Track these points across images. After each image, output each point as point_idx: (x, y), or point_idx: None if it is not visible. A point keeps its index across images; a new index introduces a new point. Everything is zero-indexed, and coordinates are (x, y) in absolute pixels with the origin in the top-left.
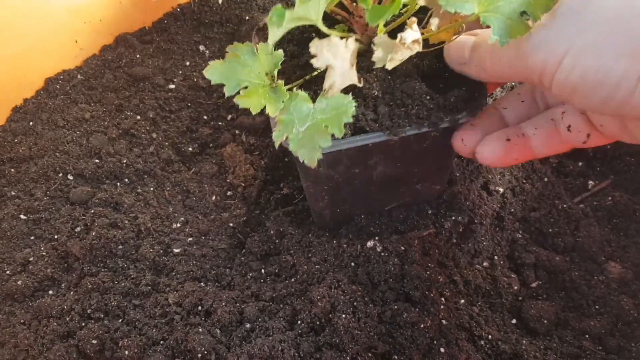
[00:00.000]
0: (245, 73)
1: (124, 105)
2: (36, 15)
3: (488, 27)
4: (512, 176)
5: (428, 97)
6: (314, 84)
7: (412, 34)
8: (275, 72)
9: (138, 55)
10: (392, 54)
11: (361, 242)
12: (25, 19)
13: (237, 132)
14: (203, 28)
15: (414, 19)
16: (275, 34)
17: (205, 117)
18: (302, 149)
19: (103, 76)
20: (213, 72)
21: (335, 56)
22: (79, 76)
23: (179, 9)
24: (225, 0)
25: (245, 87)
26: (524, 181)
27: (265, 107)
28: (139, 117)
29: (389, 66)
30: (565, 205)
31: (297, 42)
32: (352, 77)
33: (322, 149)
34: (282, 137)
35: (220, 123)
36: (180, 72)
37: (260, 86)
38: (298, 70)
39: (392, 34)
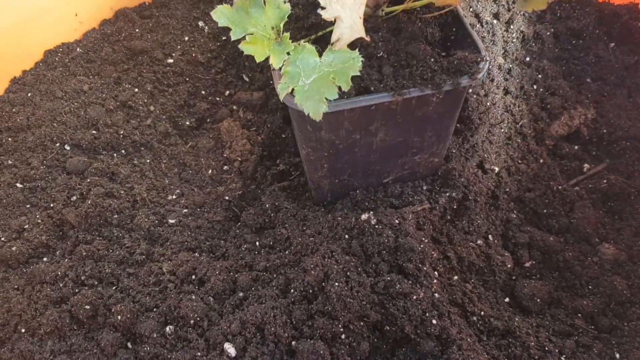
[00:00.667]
0: (251, 23)
1: (122, 78)
2: None
3: None
4: (508, 156)
5: (432, 60)
6: (319, 44)
7: None
8: (282, 26)
9: (137, 30)
10: None
11: (356, 215)
12: None
13: (234, 107)
14: (203, 4)
15: None
16: None
17: (203, 92)
18: (308, 101)
19: (102, 49)
20: (220, 14)
21: (344, 7)
22: (78, 49)
23: None
24: None
25: (251, 34)
26: (519, 161)
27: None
28: (137, 89)
29: None
30: (560, 187)
31: (303, 6)
32: (360, 30)
33: (328, 102)
34: (287, 89)
35: (218, 98)
36: (179, 47)
37: (265, 38)
38: (303, 31)
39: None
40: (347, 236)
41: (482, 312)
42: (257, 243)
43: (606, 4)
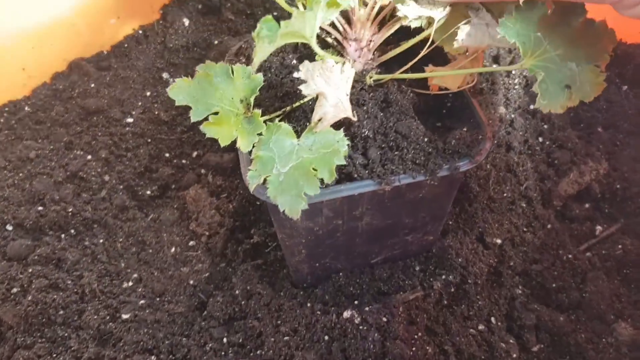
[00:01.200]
0: (216, 97)
1: (74, 143)
2: None
3: None
4: (512, 224)
5: (426, 140)
6: (294, 119)
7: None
8: (252, 99)
9: (93, 85)
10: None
11: (337, 311)
12: None
13: (202, 171)
14: (167, 53)
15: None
16: (264, 50)
17: (167, 155)
18: (284, 195)
19: (53, 108)
20: (178, 91)
21: (329, 83)
22: (26, 108)
23: (141, 32)
24: (192, 22)
25: (216, 113)
26: (524, 230)
27: (236, 140)
28: (89, 156)
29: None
30: (570, 256)
31: (276, 70)
32: (346, 109)
33: (307, 197)
34: (258, 179)
35: (184, 161)
36: (139, 103)
37: (233, 114)
38: (276, 102)
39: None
40: (326, 337)
41: None
42: (225, 340)
43: (618, 43)
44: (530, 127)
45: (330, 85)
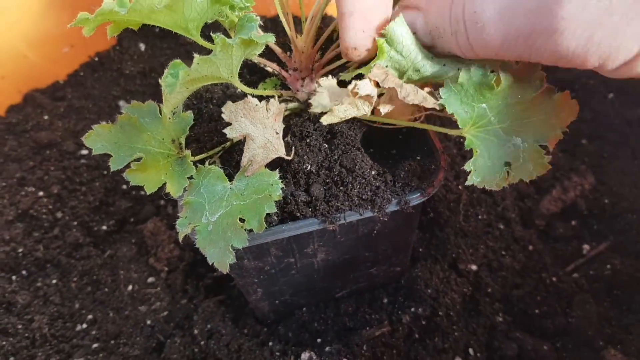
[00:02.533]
0: (143, 140)
1: (26, 179)
2: None
3: None
4: (488, 248)
5: (373, 173)
6: (238, 153)
7: (367, 87)
8: (183, 139)
9: (47, 117)
10: (336, 105)
11: (296, 352)
12: None
13: (161, 203)
14: (124, 80)
15: (379, 74)
16: (172, 99)
17: (123, 187)
18: (212, 247)
19: (6, 143)
20: (97, 139)
21: (255, 122)
22: None
23: (96, 59)
24: (148, 46)
25: (139, 159)
26: (502, 253)
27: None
28: (41, 192)
29: (326, 120)
30: (554, 278)
31: (218, 101)
32: (277, 149)
33: (235, 250)
34: (187, 227)
35: (142, 193)
36: None
37: (163, 156)
38: (217, 136)
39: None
40: None
41: None
42: None
43: None
44: None
45: (256, 126)
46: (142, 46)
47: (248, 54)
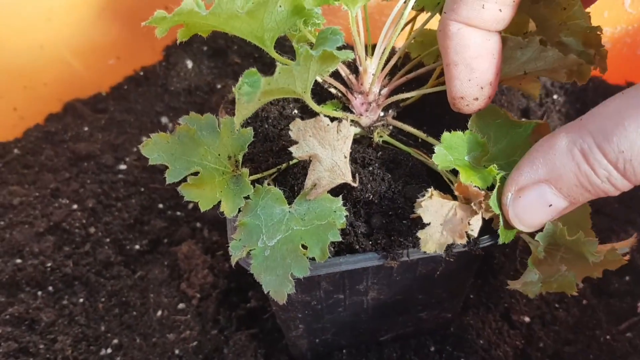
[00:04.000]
0: (199, 154)
1: (60, 190)
2: None
3: None
4: (542, 300)
5: None
6: (292, 177)
7: (480, 220)
8: (241, 156)
9: (87, 128)
10: (443, 232)
11: None
12: None
13: (198, 225)
14: (168, 96)
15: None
16: (244, 110)
17: (160, 206)
18: (268, 274)
19: (43, 152)
20: (154, 148)
21: (324, 144)
22: (15, 150)
23: (142, 73)
24: (195, 64)
25: (196, 173)
26: (556, 306)
27: (220, 202)
28: (75, 206)
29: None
30: (608, 336)
31: (274, 121)
32: (344, 174)
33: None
34: (241, 251)
35: (178, 213)
36: (134, 149)
37: (218, 173)
38: (272, 157)
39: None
40: None
41: None
42: None
43: None
44: None
45: (324, 147)
46: (189, 63)
47: (323, 69)
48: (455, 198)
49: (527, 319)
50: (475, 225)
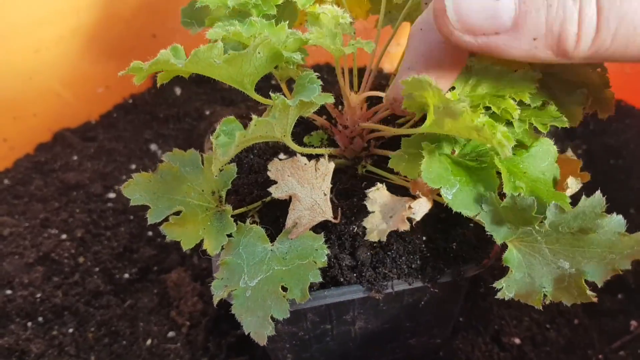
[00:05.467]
0: (182, 191)
1: (50, 220)
2: None
3: None
4: (532, 321)
5: (424, 239)
6: (279, 209)
7: (425, 205)
8: (224, 193)
9: (76, 157)
10: (388, 223)
11: None
12: None
13: (187, 252)
14: (156, 123)
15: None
16: (221, 159)
17: (149, 234)
18: (250, 315)
19: (32, 182)
20: (135, 188)
21: (302, 183)
22: (5, 181)
23: (131, 101)
24: (184, 90)
25: (178, 213)
26: (547, 327)
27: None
28: (64, 235)
29: (372, 238)
30: (600, 356)
31: (260, 152)
32: (325, 211)
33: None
34: (223, 291)
35: (167, 240)
36: (123, 177)
37: (202, 209)
38: (257, 189)
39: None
40: None
41: None
42: None
43: None
44: None
45: (303, 186)
46: (178, 90)
47: (303, 113)
48: None
49: (517, 341)
50: (417, 208)
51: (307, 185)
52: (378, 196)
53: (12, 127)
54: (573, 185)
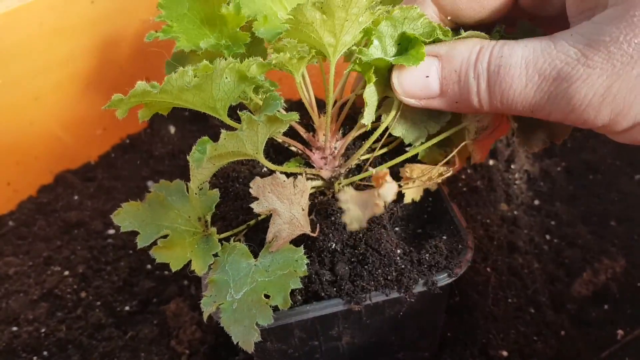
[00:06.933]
0: (170, 217)
1: (52, 258)
2: None
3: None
4: (519, 334)
5: (399, 252)
6: (262, 231)
7: (392, 188)
8: (209, 217)
9: (77, 197)
10: (365, 212)
11: None
12: None
13: (185, 282)
14: (152, 161)
15: (386, 171)
16: (199, 175)
17: (148, 267)
18: (237, 326)
19: (36, 223)
20: (125, 216)
21: (282, 198)
22: (10, 223)
23: (128, 140)
24: (178, 129)
25: (165, 237)
26: (534, 339)
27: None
28: (67, 272)
29: (355, 228)
30: None
31: (244, 180)
32: (303, 225)
33: (260, 327)
34: (212, 306)
35: (166, 272)
36: None
37: (189, 234)
38: (242, 214)
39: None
40: None
41: None
42: None
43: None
44: (536, 224)
45: (282, 202)
46: (172, 129)
47: (273, 132)
48: None
49: (505, 353)
50: (385, 192)
51: (286, 201)
52: (348, 195)
53: (15, 170)
54: None
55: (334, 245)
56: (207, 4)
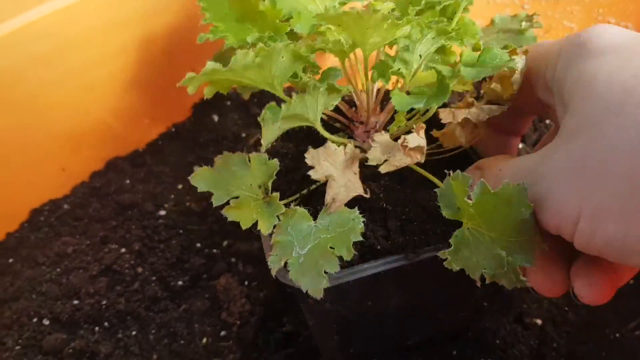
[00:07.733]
0: (235, 184)
1: (109, 237)
2: (18, 144)
3: None
4: (552, 304)
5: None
6: (312, 199)
7: (416, 139)
8: (270, 184)
9: (128, 181)
10: (389, 156)
11: None
12: (6, 149)
13: (233, 260)
14: (198, 148)
15: (423, 125)
16: (269, 133)
17: (198, 245)
18: (305, 276)
19: (90, 205)
20: (200, 178)
21: (335, 165)
22: (65, 206)
23: (173, 129)
24: (221, 117)
25: (236, 197)
26: (565, 309)
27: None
28: (123, 249)
29: (384, 169)
30: (618, 334)
31: (292, 157)
32: (357, 187)
33: (329, 275)
34: (279, 263)
35: (214, 250)
36: (172, 196)
37: (252, 199)
38: (294, 185)
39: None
40: None
41: None
42: None
43: None
44: None
45: (336, 168)
46: (216, 117)
47: (329, 102)
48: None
49: (539, 321)
50: (410, 139)
51: (339, 167)
52: (381, 139)
53: (70, 157)
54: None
55: (384, 204)
56: (244, 3)
